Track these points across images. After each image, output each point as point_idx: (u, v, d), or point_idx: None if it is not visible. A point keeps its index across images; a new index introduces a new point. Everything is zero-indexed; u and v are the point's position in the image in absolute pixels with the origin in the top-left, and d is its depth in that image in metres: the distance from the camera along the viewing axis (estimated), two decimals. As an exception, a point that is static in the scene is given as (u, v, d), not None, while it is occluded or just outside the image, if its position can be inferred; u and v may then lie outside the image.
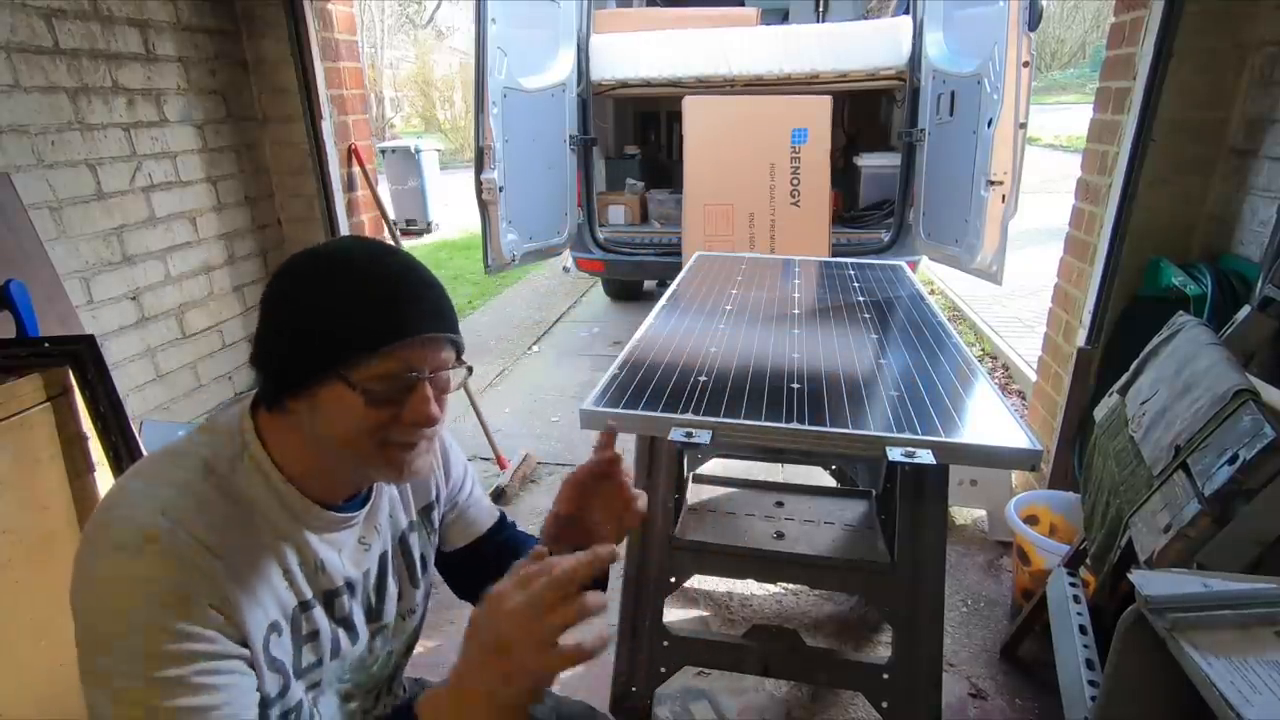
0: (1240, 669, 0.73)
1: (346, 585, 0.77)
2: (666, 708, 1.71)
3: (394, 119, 18.20)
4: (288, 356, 0.67)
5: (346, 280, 0.68)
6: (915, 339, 1.62)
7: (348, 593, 0.78)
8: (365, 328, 0.66)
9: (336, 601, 0.77)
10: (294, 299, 0.68)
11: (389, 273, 0.69)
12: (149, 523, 0.62)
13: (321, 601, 0.74)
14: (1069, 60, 23.43)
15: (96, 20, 1.86)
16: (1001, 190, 2.90)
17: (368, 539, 0.81)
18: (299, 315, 0.67)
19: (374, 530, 0.82)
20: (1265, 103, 1.70)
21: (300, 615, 0.72)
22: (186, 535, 0.62)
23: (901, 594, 1.39)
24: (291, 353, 0.67)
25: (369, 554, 0.81)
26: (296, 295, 0.68)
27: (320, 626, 0.74)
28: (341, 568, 0.77)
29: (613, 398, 1.30)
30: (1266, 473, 0.99)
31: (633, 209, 4.68)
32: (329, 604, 0.76)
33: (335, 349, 0.66)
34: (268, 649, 0.67)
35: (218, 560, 0.63)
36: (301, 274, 0.69)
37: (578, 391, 3.58)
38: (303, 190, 2.48)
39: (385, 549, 0.84)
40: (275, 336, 0.69)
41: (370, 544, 0.81)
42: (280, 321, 0.69)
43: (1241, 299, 1.59)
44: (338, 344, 0.66)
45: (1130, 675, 0.90)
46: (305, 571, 0.72)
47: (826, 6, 4.96)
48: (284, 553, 0.70)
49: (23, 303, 1.43)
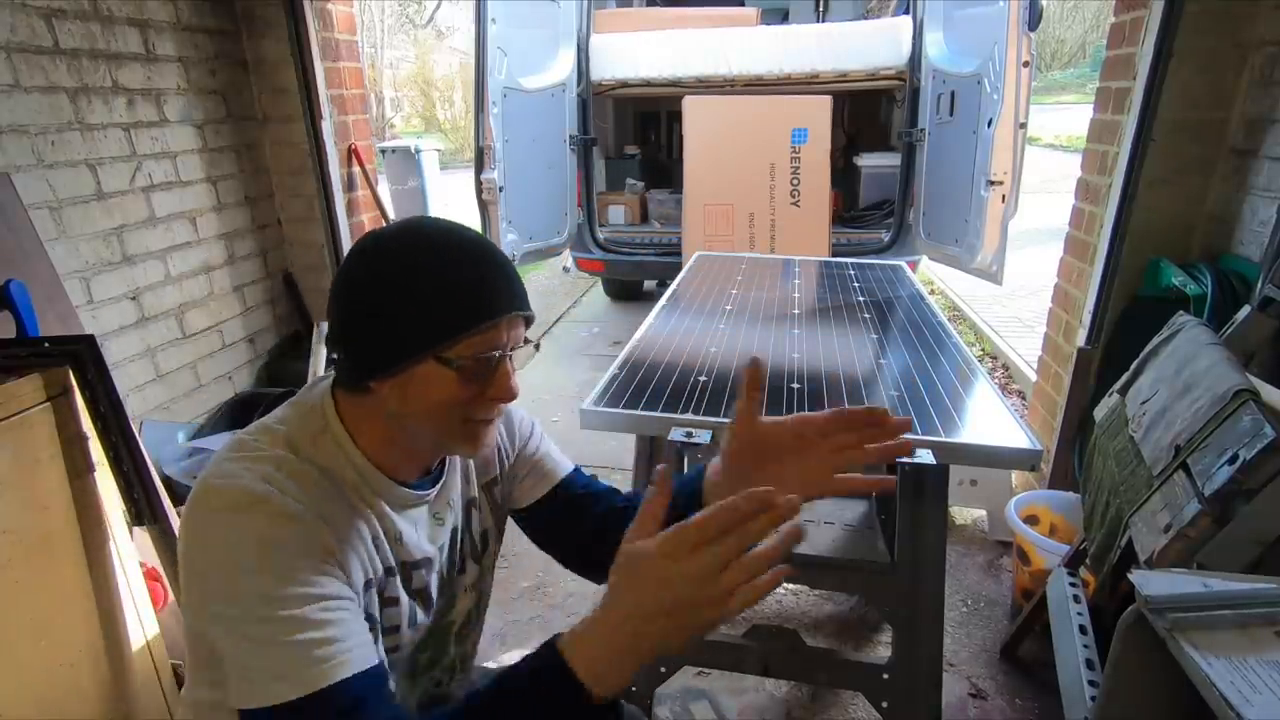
0: (1240, 669, 0.73)
1: (424, 559, 0.80)
2: (666, 708, 1.71)
3: (394, 119, 18.20)
4: (378, 339, 0.68)
5: (434, 262, 0.69)
6: (915, 339, 1.62)
7: (425, 566, 0.80)
8: (460, 308, 0.68)
9: (415, 574, 0.79)
10: (381, 283, 0.68)
11: (473, 254, 0.70)
12: (257, 489, 0.64)
13: (400, 572, 0.77)
14: (1069, 60, 23.43)
15: (96, 20, 1.86)
16: (1001, 190, 2.90)
17: (441, 514, 0.84)
18: (389, 299, 0.68)
19: (446, 506, 0.85)
20: (1265, 103, 1.70)
21: (386, 579, 0.75)
22: (292, 499, 0.65)
23: (901, 594, 1.39)
24: (383, 336, 0.68)
25: (443, 529, 0.84)
26: (383, 279, 0.68)
27: (399, 594, 0.77)
28: (418, 542, 0.79)
29: (613, 398, 1.30)
30: (1266, 473, 0.99)
31: (633, 209, 4.68)
32: (407, 576, 0.78)
33: (432, 330, 0.68)
34: (365, 605, 0.71)
35: (321, 520, 0.66)
36: (383, 257, 0.69)
37: (578, 391, 3.58)
38: (303, 190, 2.48)
39: (457, 524, 0.87)
40: (364, 320, 0.69)
41: (444, 519, 0.84)
42: (367, 306, 0.69)
43: (1241, 299, 1.59)
44: (433, 325, 0.68)
45: (1130, 675, 0.90)
46: (388, 540, 0.75)
47: (826, 6, 4.96)
48: (371, 519, 0.73)
49: (23, 303, 1.43)
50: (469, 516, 0.89)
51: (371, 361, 0.69)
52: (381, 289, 0.68)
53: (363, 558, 0.71)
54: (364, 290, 0.69)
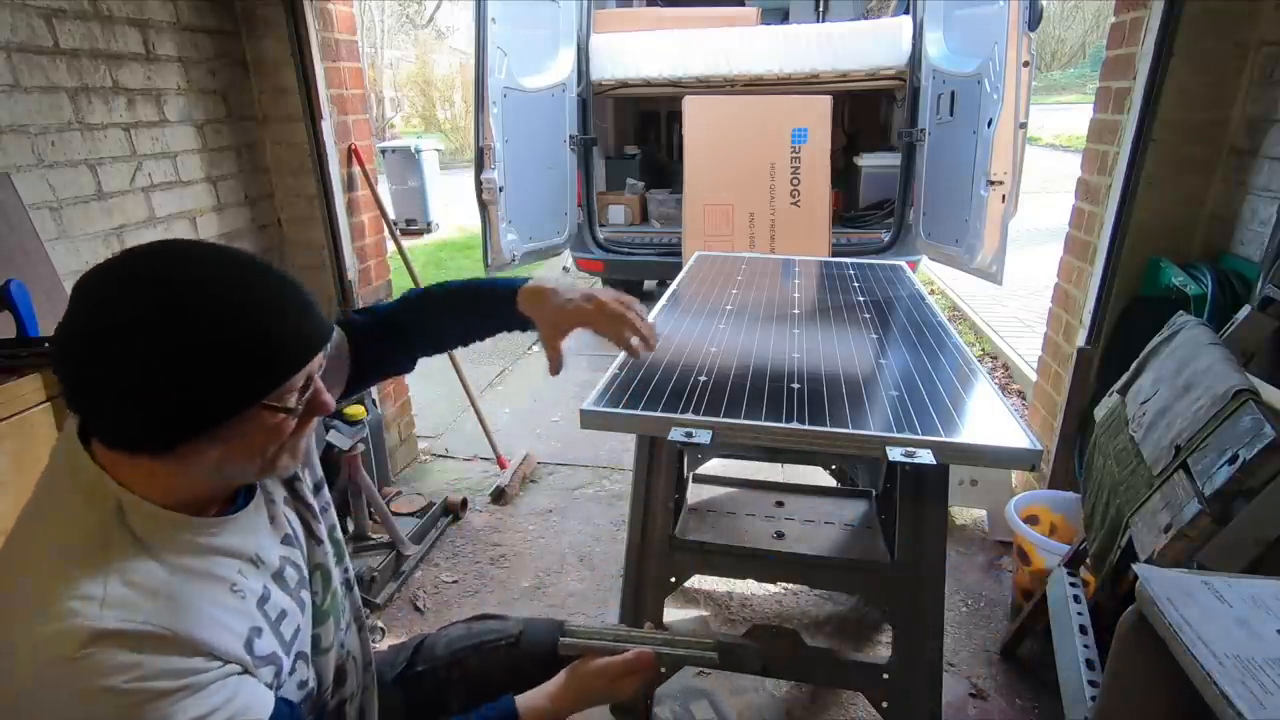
0: (1242, 669, 0.73)
1: (281, 558, 0.78)
2: (666, 708, 1.71)
3: (394, 119, 18.20)
4: (194, 397, 0.62)
5: (243, 303, 0.64)
6: (915, 339, 1.62)
7: (286, 562, 0.79)
8: (284, 355, 0.66)
9: (283, 576, 0.78)
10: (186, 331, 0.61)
11: (276, 292, 0.67)
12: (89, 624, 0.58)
13: (275, 584, 0.76)
14: (1069, 60, 23.44)
15: (96, 20, 1.86)
16: (1001, 190, 2.90)
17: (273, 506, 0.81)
18: (203, 352, 0.61)
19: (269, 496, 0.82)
20: (1265, 103, 1.70)
21: (264, 607, 0.73)
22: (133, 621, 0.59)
23: (901, 594, 1.39)
24: (200, 393, 0.62)
25: (278, 512, 0.82)
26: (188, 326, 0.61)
27: (283, 605, 0.75)
28: (272, 545, 0.78)
29: (613, 397, 1.30)
30: (1266, 473, 0.99)
31: (633, 209, 4.68)
32: (280, 582, 0.77)
33: (263, 380, 0.65)
34: (253, 652, 0.68)
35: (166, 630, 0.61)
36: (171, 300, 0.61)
37: (578, 391, 3.58)
38: (303, 190, 2.47)
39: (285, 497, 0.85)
40: (163, 378, 0.61)
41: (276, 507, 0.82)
42: (169, 361, 0.61)
43: (1241, 299, 1.59)
44: (264, 374, 0.65)
45: (1130, 675, 0.90)
46: (248, 571, 0.72)
47: (826, 6, 4.97)
48: (220, 569, 0.69)
49: (23, 303, 1.43)
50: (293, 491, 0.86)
51: (184, 423, 0.63)
52: (189, 339, 0.61)
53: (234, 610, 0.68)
54: (159, 342, 0.60)
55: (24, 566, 0.63)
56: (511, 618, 1.14)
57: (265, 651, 0.70)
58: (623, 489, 2.70)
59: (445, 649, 1.09)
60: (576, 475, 2.85)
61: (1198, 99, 1.80)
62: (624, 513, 2.45)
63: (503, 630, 1.11)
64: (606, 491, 2.72)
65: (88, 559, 0.61)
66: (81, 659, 0.57)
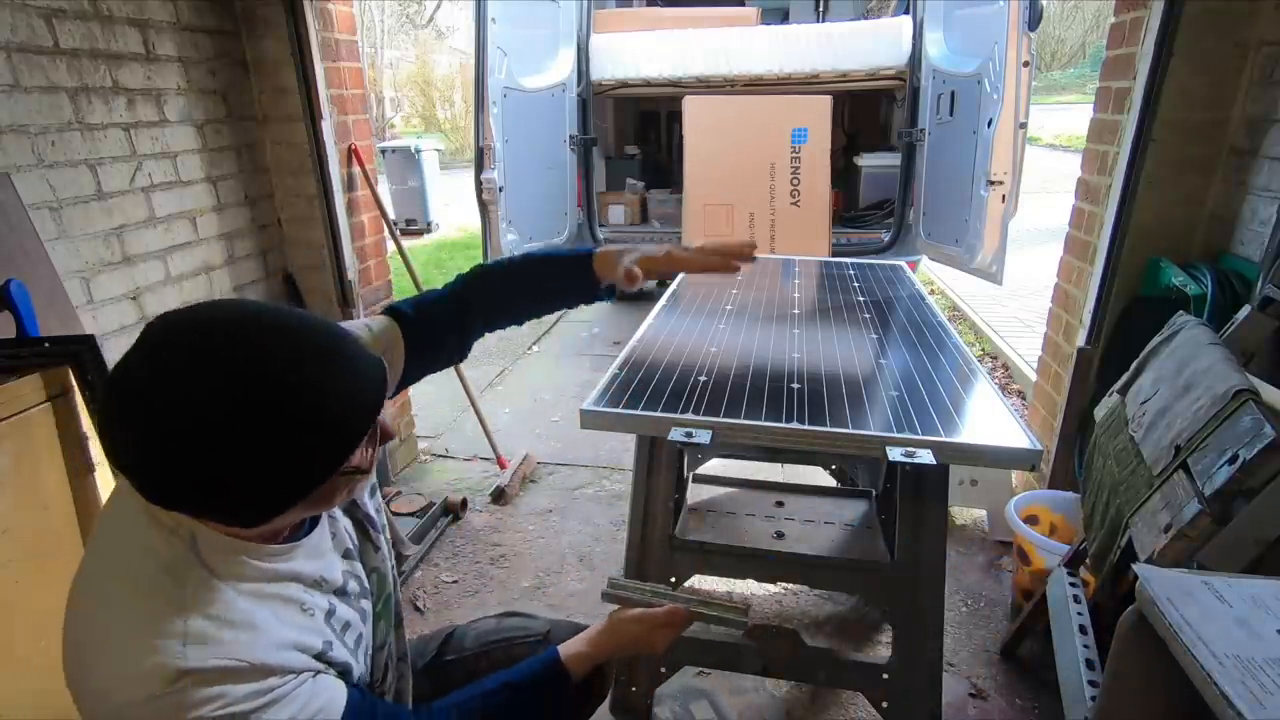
0: (1242, 669, 0.73)
1: (344, 573, 0.82)
2: (666, 708, 1.71)
3: (394, 119, 18.20)
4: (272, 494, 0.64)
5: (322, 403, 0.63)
6: (915, 339, 1.62)
7: (349, 576, 0.82)
8: (358, 417, 0.67)
9: (346, 590, 0.81)
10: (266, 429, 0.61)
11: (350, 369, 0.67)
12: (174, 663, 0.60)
13: (339, 599, 0.79)
14: (1069, 60, 23.43)
15: (96, 20, 1.86)
16: (1001, 190, 2.91)
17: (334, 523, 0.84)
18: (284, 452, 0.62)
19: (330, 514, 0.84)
20: (1265, 103, 1.70)
21: (330, 620, 0.76)
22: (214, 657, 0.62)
23: (901, 594, 1.39)
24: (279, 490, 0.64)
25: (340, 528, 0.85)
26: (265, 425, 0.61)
27: (347, 617, 0.79)
28: (335, 562, 0.81)
29: (613, 397, 1.30)
30: (1267, 473, 0.99)
31: (633, 209, 4.68)
32: (343, 596, 0.80)
33: (338, 450, 0.66)
34: (328, 660, 0.73)
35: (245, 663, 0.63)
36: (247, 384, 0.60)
37: (578, 391, 3.58)
38: (303, 190, 2.47)
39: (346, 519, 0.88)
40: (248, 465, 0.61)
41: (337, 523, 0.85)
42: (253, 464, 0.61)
43: (1241, 299, 1.59)
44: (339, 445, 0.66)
45: (1130, 675, 0.90)
46: (314, 591, 0.75)
47: (826, 6, 4.97)
48: (290, 590, 0.72)
49: (23, 303, 1.43)
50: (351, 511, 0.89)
51: (266, 509, 0.65)
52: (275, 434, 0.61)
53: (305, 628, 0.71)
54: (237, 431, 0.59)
55: (104, 601, 0.65)
56: (540, 617, 1.18)
57: (339, 660, 0.75)
58: (623, 489, 2.70)
59: (475, 642, 1.12)
60: (576, 475, 2.85)
61: (1198, 99, 1.80)
62: (624, 513, 2.45)
63: (530, 628, 1.14)
64: (606, 491, 2.72)
65: (166, 593, 0.63)
66: (167, 695, 0.59)
